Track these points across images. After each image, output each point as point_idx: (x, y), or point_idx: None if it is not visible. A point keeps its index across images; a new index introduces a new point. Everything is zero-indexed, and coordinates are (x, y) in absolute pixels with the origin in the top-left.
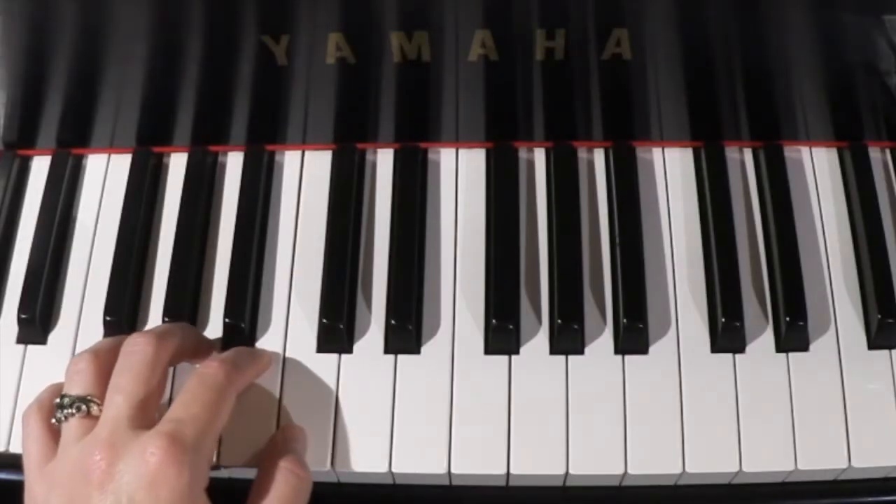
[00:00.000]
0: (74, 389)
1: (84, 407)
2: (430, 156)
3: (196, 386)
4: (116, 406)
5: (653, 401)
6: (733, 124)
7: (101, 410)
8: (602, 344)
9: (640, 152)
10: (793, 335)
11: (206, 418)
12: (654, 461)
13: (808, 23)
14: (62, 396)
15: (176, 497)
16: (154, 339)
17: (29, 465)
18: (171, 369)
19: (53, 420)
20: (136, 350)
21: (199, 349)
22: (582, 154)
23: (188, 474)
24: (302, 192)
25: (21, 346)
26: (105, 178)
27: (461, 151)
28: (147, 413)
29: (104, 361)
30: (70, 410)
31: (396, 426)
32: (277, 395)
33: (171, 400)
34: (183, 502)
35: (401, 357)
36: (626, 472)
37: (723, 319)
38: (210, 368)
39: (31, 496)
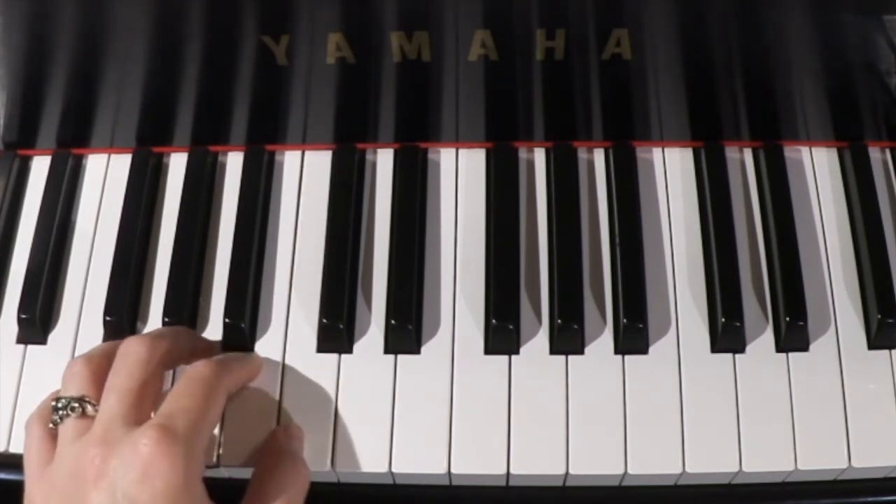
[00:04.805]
0: (69, 391)
1: (79, 407)
2: (430, 156)
3: (184, 382)
4: (110, 405)
5: (653, 401)
6: (733, 124)
7: (96, 410)
8: (602, 344)
9: (640, 152)
10: (793, 335)
11: (196, 409)
12: (654, 461)
13: (808, 23)
14: (57, 398)
15: (170, 488)
16: (148, 340)
17: (29, 469)
18: (169, 373)
19: (50, 424)
20: (130, 351)
21: (197, 351)
22: (582, 154)
23: (182, 464)
24: (302, 192)
25: (21, 346)
26: (105, 178)
27: (461, 151)
28: (141, 410)
29: (99, 364)
30: (65, 412)
31: (396, 426)
32: (277, 395)
33: None
34: (178, 493)
35: (401, 357)
36: (626, 472)
37: (723, 319)
38: (198, 366)
39: (31, 499)
